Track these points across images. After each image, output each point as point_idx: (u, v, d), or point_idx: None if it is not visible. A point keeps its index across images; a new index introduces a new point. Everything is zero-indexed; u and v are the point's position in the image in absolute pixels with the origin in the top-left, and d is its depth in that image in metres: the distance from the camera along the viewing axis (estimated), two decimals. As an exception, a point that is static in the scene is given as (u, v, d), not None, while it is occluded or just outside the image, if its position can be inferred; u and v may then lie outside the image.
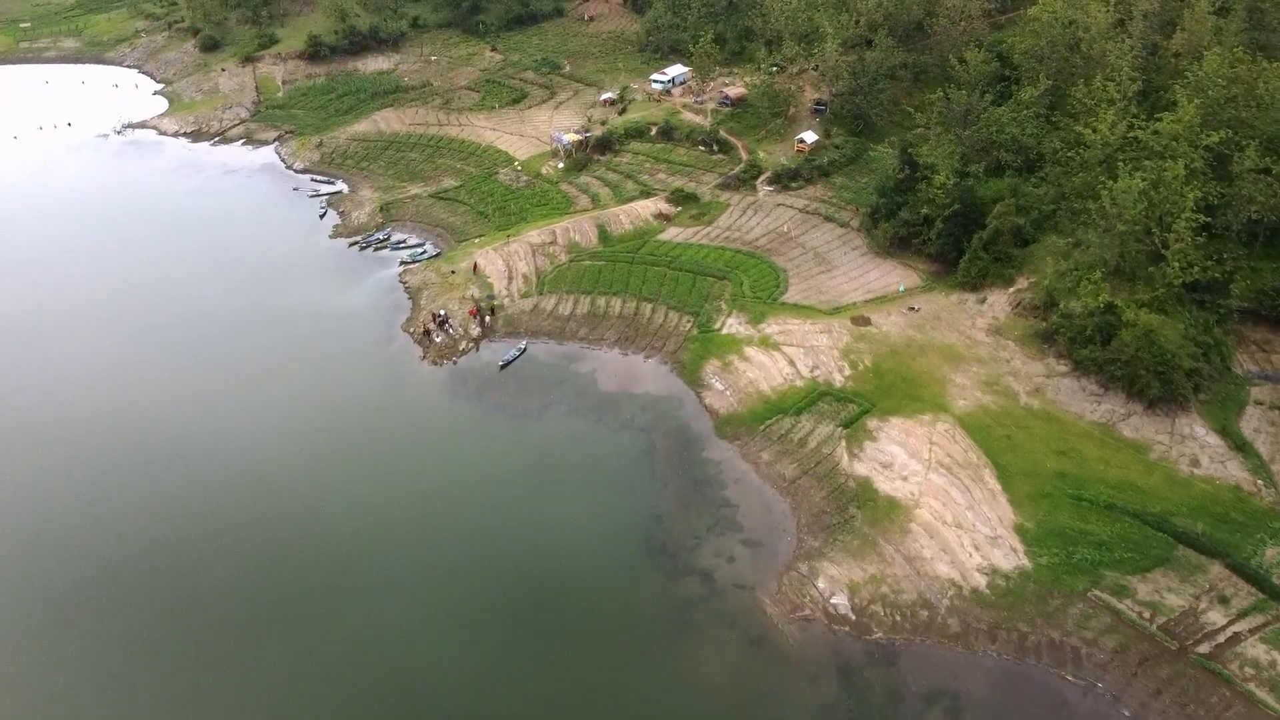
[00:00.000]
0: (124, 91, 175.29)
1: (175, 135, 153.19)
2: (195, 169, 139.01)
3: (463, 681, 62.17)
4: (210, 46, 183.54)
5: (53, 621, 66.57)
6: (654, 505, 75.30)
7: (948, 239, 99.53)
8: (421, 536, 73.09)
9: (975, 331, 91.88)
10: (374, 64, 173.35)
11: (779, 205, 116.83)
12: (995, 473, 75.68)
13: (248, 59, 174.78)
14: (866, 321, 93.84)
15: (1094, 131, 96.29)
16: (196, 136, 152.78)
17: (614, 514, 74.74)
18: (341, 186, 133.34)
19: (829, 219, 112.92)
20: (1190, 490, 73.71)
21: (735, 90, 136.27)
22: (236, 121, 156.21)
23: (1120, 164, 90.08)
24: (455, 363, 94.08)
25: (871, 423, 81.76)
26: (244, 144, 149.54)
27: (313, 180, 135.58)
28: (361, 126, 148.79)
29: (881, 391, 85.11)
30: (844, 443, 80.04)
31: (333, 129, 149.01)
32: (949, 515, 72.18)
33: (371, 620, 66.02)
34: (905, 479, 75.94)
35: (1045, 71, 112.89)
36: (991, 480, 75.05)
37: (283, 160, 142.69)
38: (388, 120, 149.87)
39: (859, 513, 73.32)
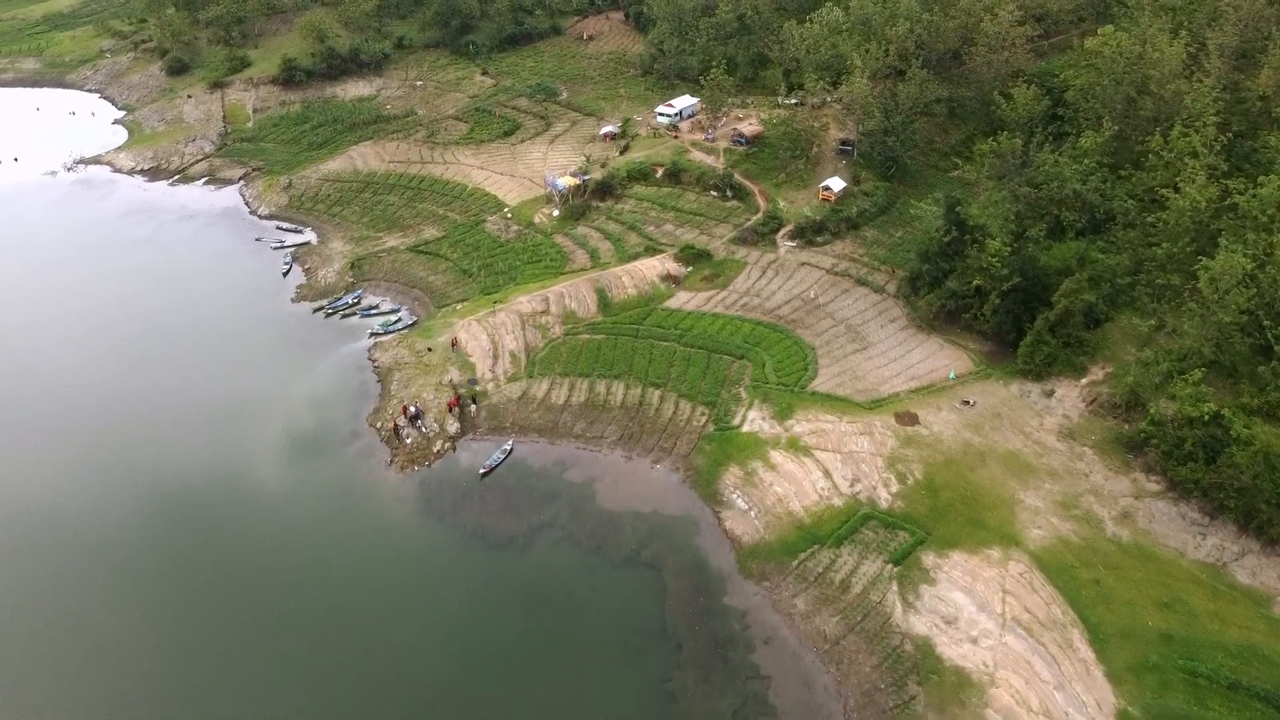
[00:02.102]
0: (81, 119, 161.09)
1: (131, 173, 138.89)
2: (148, 214, 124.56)
3: None
4: (178, 70, 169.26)
5: None
6: (666, 676, 61.05)
7: (1005, 316, 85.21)
8: (374, 713, 58.82)
9: (1044, 434, 77.57)
10: (354, 89, 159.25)
11: (803, 264, 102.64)
12: (1086, 634, 61.49)
13: (216, 84, 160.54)
14: (913, 419, 79.56)
15: (1180, 195, 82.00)
16: (154, 174, 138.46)
17: (616, 691, 60.60)
18: (309, 236, 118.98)
19: (861, 282, 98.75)
20: (1331, 662, 59.35)
21: (751, 127, 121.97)
22: (199, 156, 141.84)
23: (1221, 238, 75.73)
24: (429, 466, 79.79)
25: (928, 558, 67.52)
26: (206, 183, 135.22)
27: (278, 228, 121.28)
28: (335, 164, 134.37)
29: (937, 515, 70.86)
30: (896, 586, 65.85)
31: (304, 166, 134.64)
32: (1034, 698, 57.86)
33: None
34: (975, 641, 61.67)
35: (1109, 115, 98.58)
36: (1082, 645, 60.77)
37: (247, 203, 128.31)
38: (365, 157, 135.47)
39: (921, 691, 59.09)
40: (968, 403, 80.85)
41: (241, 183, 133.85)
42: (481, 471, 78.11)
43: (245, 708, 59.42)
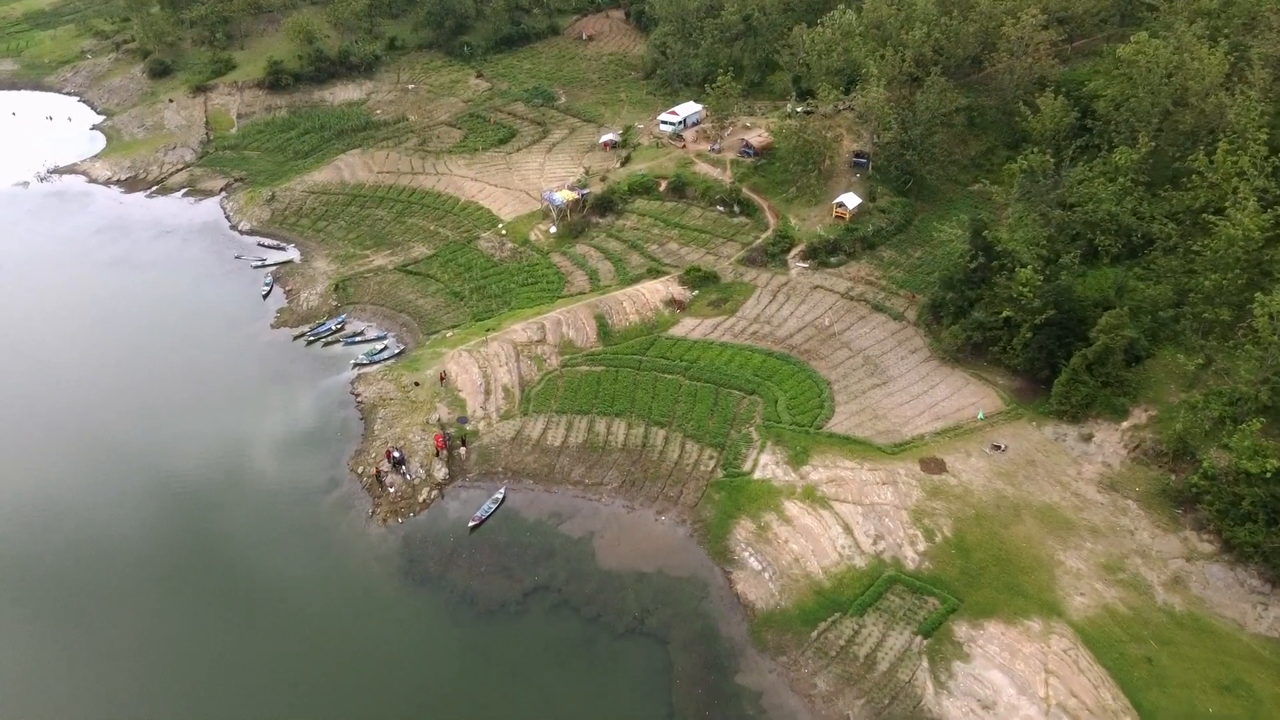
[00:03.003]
0: (58, 125, 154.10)
1: (107, 183, 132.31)
2: (123, 230, 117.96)
3: None
4: (160, 72, 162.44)
5: None
6: (673, 773, 54.84)
7: (1037, 351, 78.91)
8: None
9: (1083, 484, 71.29)
10: (343, 93, 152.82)
11: (816, 288, 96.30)
12: (1140, 724, 55.25)
13: (199, 88, 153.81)
14: (940, 467, 73.30)
15: (1229, 221, 75.58)
16: (131, 185, 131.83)
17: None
18: (292, 254, 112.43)
19: (878, 308, 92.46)
20: None
21: (759, 138, 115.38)
22: (179, 166, 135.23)
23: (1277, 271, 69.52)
24: (415, 516, 73.45)
25: (960, 629, 61.33)
26: (185, 194, 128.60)
27: (260, 245, 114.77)
28: (322, 175, 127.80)
29: (969, 579, 64.63)
30: (926, 662, 59.66)
31: (289, 178, 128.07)
32: (1087, 803, 51.66)
33: None
34: (1016, 732, 55.46)
35: (1144, 129, 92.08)
36: (1137, 738, 54.56)
37: (228, 217, 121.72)
38: (353, 167, 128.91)
39: (958, 792, 52.82)
40: (999, 447, 74.59)
41: (223, 194, 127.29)
42: (471, 524, 71.81)
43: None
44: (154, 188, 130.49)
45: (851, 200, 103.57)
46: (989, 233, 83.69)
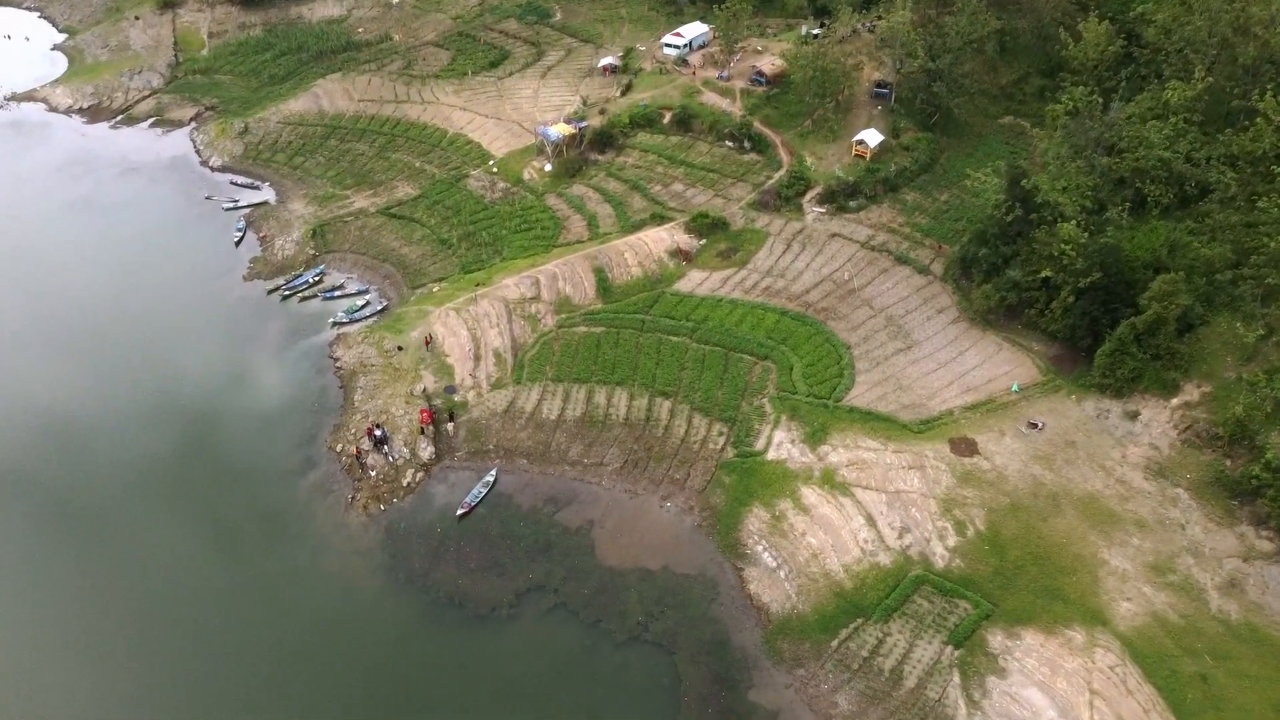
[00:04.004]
0: (16, 44, 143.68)
1: (68, 112, 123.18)
2: (85, 166, 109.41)
3: None
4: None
5: None
6: (680, 811, 49.99)
7: (1079, 317, 71.90)
8: None
9: (1128, 470, 65.11)
10: (323, 9, 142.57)
11: (834, 236, 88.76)
12: (1194, 754, 50.20)
13: (167, 4, 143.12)
14: (971, 448, 67.06)
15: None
16: (94, 114, 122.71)
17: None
18: (267, 194, 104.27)
19: (902, 260, 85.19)
20: None
21: (771, 65, 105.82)
22: (146, 92, 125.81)
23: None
24: (398, 502, 67.50)
25: (995, 639, 56.00)
26: (152, 124, 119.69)
27: (232, 184, 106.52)
28: (299, 104, 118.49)
29: (1004, 579, 59.06)
30: (958, 677, 54.43)
31: (263, 106, 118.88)
32: None
33: None
34: (1058, 761, 50.47)
35: (1200, 60, 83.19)
36: (1192, 771, 49.57)
37: (198, 151, 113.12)
38: (332, 95, 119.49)
39: (995, 835, 48.05)
40: (1034, 425, 68.22)
41: (192, 125, 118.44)
42: (460, 512, 65.90)
43: None
44: (119, 117, 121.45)
45: (873, 137, 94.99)
46: (1028, 181, 75.64)
